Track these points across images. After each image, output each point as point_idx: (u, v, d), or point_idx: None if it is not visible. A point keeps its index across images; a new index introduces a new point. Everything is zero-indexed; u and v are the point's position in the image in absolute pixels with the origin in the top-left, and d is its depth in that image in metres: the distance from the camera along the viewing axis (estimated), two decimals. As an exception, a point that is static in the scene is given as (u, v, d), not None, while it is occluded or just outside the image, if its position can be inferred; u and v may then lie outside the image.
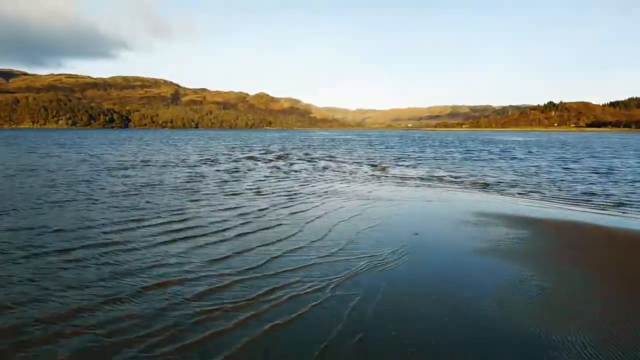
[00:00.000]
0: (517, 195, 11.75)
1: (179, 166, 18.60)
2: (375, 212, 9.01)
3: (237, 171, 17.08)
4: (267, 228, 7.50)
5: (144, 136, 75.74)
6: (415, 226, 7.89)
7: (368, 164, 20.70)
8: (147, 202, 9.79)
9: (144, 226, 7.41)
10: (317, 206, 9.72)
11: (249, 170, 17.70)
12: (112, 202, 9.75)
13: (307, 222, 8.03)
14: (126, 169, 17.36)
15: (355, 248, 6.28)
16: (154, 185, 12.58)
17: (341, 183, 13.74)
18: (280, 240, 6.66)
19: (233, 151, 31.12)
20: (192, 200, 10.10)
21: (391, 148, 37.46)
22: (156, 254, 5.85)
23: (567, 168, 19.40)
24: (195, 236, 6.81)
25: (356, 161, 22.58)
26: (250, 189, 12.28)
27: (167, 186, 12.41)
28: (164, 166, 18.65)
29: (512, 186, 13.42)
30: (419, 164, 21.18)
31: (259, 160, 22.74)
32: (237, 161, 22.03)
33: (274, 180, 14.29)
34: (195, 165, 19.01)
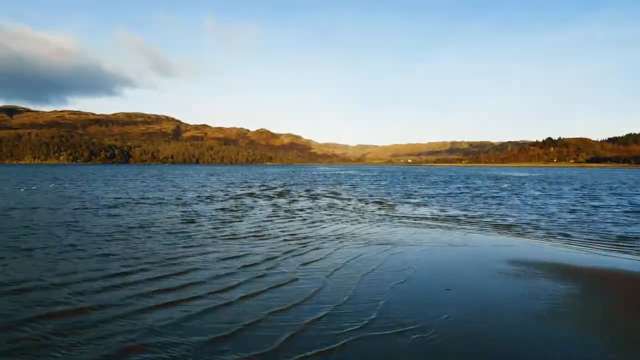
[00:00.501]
0: (545, 238, 10.45)
1: (173, 204, 17.30)
2: (398, 262, 7.70)
3: (236, 210, 15.78)
4: (279, 285, 6.17)
5: (142, 172, 74.85)
6: (446, 279, 6.65)
7: (374, 202, 19.44)
8: (132, 249, 8.43)
9: (123, 285, 6.03)
10: (333, 254, 8.41)
11: (250, 208, 16.42)
12: (90, 248, 8.39)
13: (327, 276, 6.72)
14: (115, 207, 16.07)
15: (390, 314, 5.00)
16: (143, 227, 11.25)
17: (352, 224, 12.43)
18: (298, 304, 5.33)
19: (232, 187, 29.95)
20: (185, 247, 8.76)
21: (396, 184, 36.34)
22: (132, 328, 4.47)
23: (591, 206, 18.11)
24: (189, 299, 5.45)
25: (361, 198, 21.35)
26: (253, 231, 10.96)
27: (158, 228, 11.08)
28: (157, 204, 17.34)
29: (536, 227, 12.12)
30: (428, 201, 19.94)
31: (259, 198, 21.46)
32: (236, 198, 20.73)
33: (278, 221, 12.98)
34: (192, 203, 17.74)
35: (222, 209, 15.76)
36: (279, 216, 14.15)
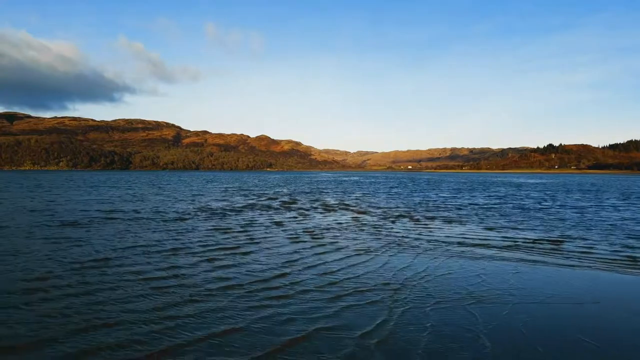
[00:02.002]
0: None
1: (155, 221, 13.73)
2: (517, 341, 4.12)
3: (239, 230, 12.09)
4: None
5: (137, 178, 71.13)
6: None
7: (401, 216, 15.88)
8: (68, 308, 4.91)
9: None
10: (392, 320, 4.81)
11: (254, 225, 12.86)
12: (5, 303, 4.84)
13: None
14: (75, 225, 12.43)
15: None
16: (98, 260, 7.73)
17: (390, 252, 8.87)
18: None
19: (232, 196, 26.42)
20: (157, 308, 5.17)
21: (413, 192, 32.65)
22: None
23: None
24: None
25: (384, 213, 17.80)
26: (268, 269, 7.37)
27: (118, 261, 7.57)
28: (136, 219, 13.88)
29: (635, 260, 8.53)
30: (464, 215, 16.33)
31: (264, 210, 17.69)
32: (237, 211, 17.01)
33: (302, 251, 9.20)
34: (181, 219, 14.28)
35: (219, 229, 12.22)
36: (297, 240, 10.55)
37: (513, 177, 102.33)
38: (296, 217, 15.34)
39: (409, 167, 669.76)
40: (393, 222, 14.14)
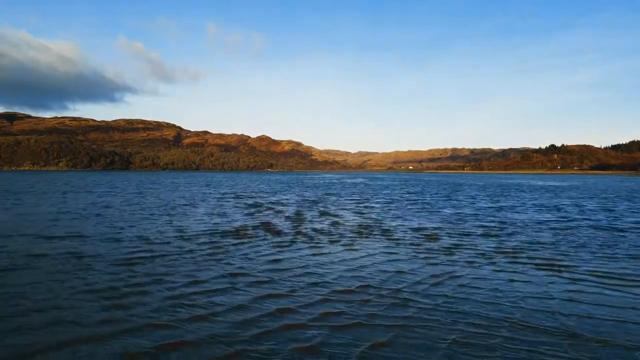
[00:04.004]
0: None
1: (98, 261, 8.92)
2: None
3: (219, 306, 7.37)
4: None
5: (131, 179, 66.29)
6: None
7: (459, 246, 11.21)
8: None
9: None
10: None
11: (247, 275, 8.07)
12: None
13: None
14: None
15: None
16: None
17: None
18: None
19: (227, 208, 21.34)
20: None
21: (438, 200, 27.93)
22: None
23: None
24: None
25: (431, 240, 13.19)
26: None
27: None
28: (70, 259, 8.95)
29: None
30: (558, 251, 11.67)
31: (264, 238, 12.55)
32: (225, 244, 11.54)
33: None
34: (133, 261, 9.42)
35: (187, 304, 7.40)
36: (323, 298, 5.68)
37: (521, 178, 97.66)
38: (313, 252, 10.28)
39: (410, 167, 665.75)
40: (471, 264, 9.23)
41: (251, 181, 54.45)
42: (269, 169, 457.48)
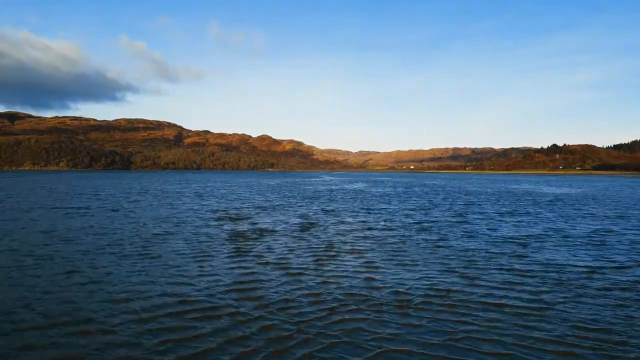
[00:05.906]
0: None
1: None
2: None
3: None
4: None
5: (124, 181, 64.68)
6: None
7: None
8: None
9: None
10: None
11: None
12: None
13: None
14: None
15: None
16: None
17: None
18: None
19: (213, 242, 16.54)
20: None
21: (447, 211, 26.08)
22: None
23: None
24: None
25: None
26: None
27: None
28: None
29: None
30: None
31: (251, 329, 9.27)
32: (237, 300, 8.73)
33: None
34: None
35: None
36: None
37: (527, 182, 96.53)
38: None
39: (411, 167, 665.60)
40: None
41: (248, 187, 52.15)
42: (270, 169, 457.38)
